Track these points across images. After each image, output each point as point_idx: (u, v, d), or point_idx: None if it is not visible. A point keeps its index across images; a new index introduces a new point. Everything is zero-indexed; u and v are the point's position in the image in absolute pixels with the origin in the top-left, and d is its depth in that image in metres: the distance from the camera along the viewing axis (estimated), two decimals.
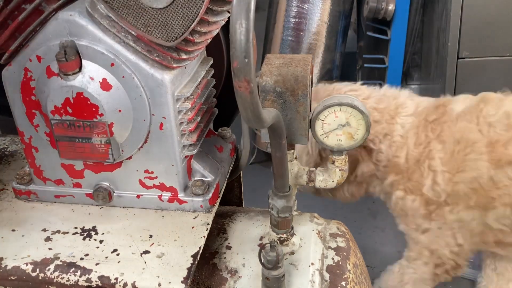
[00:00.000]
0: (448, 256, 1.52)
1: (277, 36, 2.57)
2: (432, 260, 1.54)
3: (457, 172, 1.38)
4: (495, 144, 1.33)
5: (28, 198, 0.96)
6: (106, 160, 0.86)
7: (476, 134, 1.36)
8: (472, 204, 1.39)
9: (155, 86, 0.81)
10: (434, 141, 1.41)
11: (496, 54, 2.20)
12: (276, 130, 0.76)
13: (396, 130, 1.45)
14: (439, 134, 1.41)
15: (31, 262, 0.81)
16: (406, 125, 1.45)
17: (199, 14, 0.73)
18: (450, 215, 1.43)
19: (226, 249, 0.94)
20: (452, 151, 1.38)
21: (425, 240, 1.52)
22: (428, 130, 1.42)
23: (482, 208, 1.39)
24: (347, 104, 0.91)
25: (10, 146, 1.18)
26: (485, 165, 1.34)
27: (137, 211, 0.92)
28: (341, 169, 0.97)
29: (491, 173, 1.33)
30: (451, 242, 1.49)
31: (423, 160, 1.42)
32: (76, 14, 0.78)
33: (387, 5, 2.49)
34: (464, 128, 1.38)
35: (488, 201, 1.37)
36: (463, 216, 1.42)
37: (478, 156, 1.35)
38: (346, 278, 0.89)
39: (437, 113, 1.44)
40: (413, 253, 1.58)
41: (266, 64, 0.93)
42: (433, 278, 1.58)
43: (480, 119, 1.37)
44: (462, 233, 1.47)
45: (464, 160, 1.36)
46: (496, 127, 1.35)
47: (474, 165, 1.35)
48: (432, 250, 1.53)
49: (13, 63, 0.83)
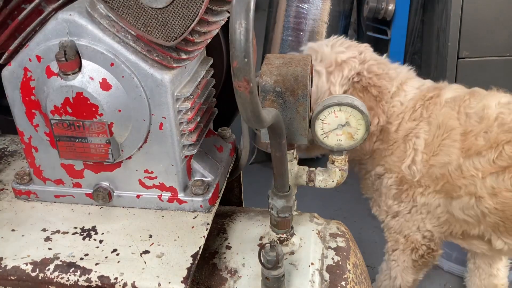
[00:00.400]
0: (421, 242, 1.55)
1: (277, 36, 2.57)
2: (406, 246, 1.56)
3: (432, 155, 1.42)
4: (468, 134, 1.37)
5: (28, 198, 0.96)
6: (106, 160, 0.86)
7: (455, 121, 1.40)
8: (438, 188, 1.43)
9: (154, 86, 0.81)
10: (424, 120, 1.44)
11: (496, 54, 2.20)
12: (276, 130, 0.76)
13: (399, 96, 1.47)
14: (430, 115, 1.44)
15: (31, 262, 0.81)
16: (409, 94, 1.47)
17: (199, 14, 0.73)
18: (421, 197, 1.47)
19: (226, 249, 0.94)
20: (434, 134, 1.42)
21: (396, 225, 1.56)
22: (424, 107, 1.45)
23: (447, 195, 1.42)
24: (347, 104, 0.91)
25: (10, 146, 1.18)
26: (456, 152, 1.38)
27: (137, 211, 0.92)
28: (341, 169, 0.97)
29: (460, 161, 1.37)
30: (422, 227, 1.52)
31: (411, 137, 1.45)
32: (75, 14, 0.78)
33: (387, 5, 2.49)
34: (446, 113, 1.42)
35: (454, 189, 1.40)
36: (430, 200, 1.45)
37: (451, 143, 1.39)
38: (346, 278, 0.89)
39: (433, 93, 1.47)
40: (390, 242, 1.62)
41: (266, 64, 0.93)
42: (413, 265, 1.60)
43: (461, 108, 1.42)
44: (429, 219, 1.50)
45: (440, 144, 1.41)
46: (472, 118, 1.39)
47: (447, 150, 1.39)
48: (405, 236, 1.56)
49: (12, 63, 0.83)
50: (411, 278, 1.64)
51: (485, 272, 1.86)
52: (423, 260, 1.58)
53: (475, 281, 1.90)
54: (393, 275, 1.65)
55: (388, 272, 1.67)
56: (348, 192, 2.56)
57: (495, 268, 1.85)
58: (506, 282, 1.87)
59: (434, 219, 1.49)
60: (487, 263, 1.85)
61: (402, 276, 1.64)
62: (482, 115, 1.37)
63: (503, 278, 1.86)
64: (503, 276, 1.86)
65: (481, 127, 1.36)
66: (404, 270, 1.62)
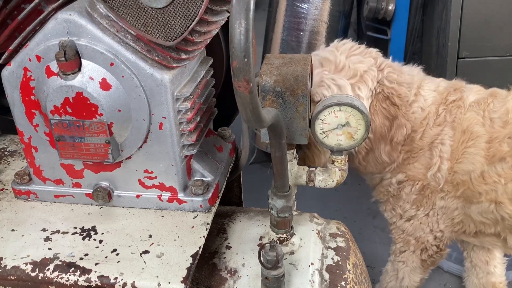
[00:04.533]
0: (432, 242, 1.54)
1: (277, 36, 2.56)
2: (417, 247, 1.56)
3: (456, 162, 1.39)
4: (493, 141, 1.35)
5: (27, 198, 0.96)
6: (105, 160, 0.86)
7: (480, 128, 1.37)
8: (458, 194, 1.41)
9: (154, 86, 0.81)
10: (448, 125, 1.40)
11: (496, 54, 2.19)
12: (276, 130, 0.76)
13: (418, 101, 1.41)
14: (453, 119, 1.40)
15: (31, 262, 0.81)
16: (428, 98, 1.42)
17: (199, 14, 0.73)
18: (440, 201, 1.45)
19: (225, 249, 0.93)
20: (459, 140, 1.38)
21: (409, 228, 1.54)
22: (447, 111, 1.41)
23: (466, 200, 1.41)
24: (346, 104, 0.91)
25: (10, 146, 1.17)
26: (480, 160, 1.36)
27: (137, 211, 0.92)
28: (341, 169, 0.97)
29: (483, 168, 1.35)
30: (435, 228, 1.50)
31: (436, 144, 1.40)
32: (75, 14, 0.78)
33: (387, 5, 2.49)
34: (471, 119, 1.38)
35: (474, 195, 1.38)
36: (449, 203, 1.44)
37: (477, 151, 1.36)
38: (346, 278, 0.89)
39: (455, 96, 1.42)
40: (399, 244, 1.60)
41: (266, 64, 0.93)
42: (422, 265, 1.60)
43: (485, 112, 1.38)
44: (443, 220, 1.49)
45: (465, 152, 1.38)
46: (496, 123, 1.36)
47: (472, 159, 1.37)
48: (417, 238, 1.55)
49: (12, 63, 0.83)
50: (418, 277, 1.64)
51: (482, 270, 1.86)
52: (431, 259, 1.58)
53: (473, 280, 1.90)
54: (400, 276, 1.64)
55: (394, 273, 1.66)
56: (348, 192, 2.56)
57: (492, 265, 1.84)
58: (504, 279, 1.87)
59: (449, 220, 1.48)
60: (484, 260, 1.85)
61: (410, 276, 1.63)
62: (506, 119, 1.35)
63: (500, 276, 1.86)
64: (500, 274, 1.86)
65: (505, 133, 1.33)
66: (412, 270, 1.62)
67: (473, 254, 1.86)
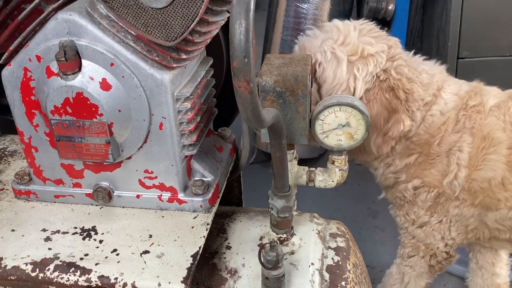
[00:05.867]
0: (442, 249, 1.52)
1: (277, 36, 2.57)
2: (426, 253, 1.54)
3: (475, 170, 1.35)
4: None
5: (27, 198, 0.96)
6: (106, 160, 0.86)
7: (502, 133, 1.33)
8: (476, 203, 1.38)
9: (154, 86, 0.81)
10: (467, 131, 1.35)
11: (496, 54, 2.19)
12: (276, 130, 0.76)
13: (438, 104, 1.35)
14: (473, 125, 1.35)
15: (31, 262, 0.81)
16: (450, 103, 1.36)
17: (199, 14, 0.73)
18: (455, 209, 1.42)
19: (226, 249, 0.94)
20: (478, 146, 1.34)
21: (421, 234, 1.51)
22: (467, 116, 1.35)
23: (483, 208, 1.39)
24: (347, 104, 0.91)
25: (10, 146, 1.18)
26: (501, 167, 1.32)
27: (137, 211, 0.92)
28: (341, 169, 0.97)
29: (504, 174, 1.32)
30: (447, 235, 1.48)
31: (454, 151, 1.36)
32: (75, 14, 0.78)
33: (387, 5, 2.49)
34: (492, 124, 1.34)
35: (493, 202, 1.36)
36: (465, 212, 1.41)
37: (498, 158, 1.32)
38: (346, 278, 0.89)
39: (475, 101, 1.37)
40: (408, 249, 1.58)
41: (266, 64, 0.93)
42: (429, 270, 1.59)
43: (506, 116, 1.34)
44: (457, 227, 1.46)
45: (485, 159, 1.33)
46: None
47: (493, 165, 1.33)
48: (427, 244, 1.53)
49: (12, 63, 0.83)
50: (424, 282, 1.61)
51: (488, 271, 1.85)
52: (440, 265, 1.55)
53: (478, 281, 1.89)
54: (406, 280, 1.62)
55: (399, 276, 1.64)
56: (348, 192, 2.56)
57: (498, 267, 1.84)
58: (508, 280, 1.87)
59: (462, 227, 1.45)
60: (490, 262, 1.83)
61: (416, 281, 1.60)
62: None
63: (505, 277, 1.86)
64: (505, 275, 1.86)
65: None
66: (419, 275, 1.59)
67: (479, 256, 1.84)
